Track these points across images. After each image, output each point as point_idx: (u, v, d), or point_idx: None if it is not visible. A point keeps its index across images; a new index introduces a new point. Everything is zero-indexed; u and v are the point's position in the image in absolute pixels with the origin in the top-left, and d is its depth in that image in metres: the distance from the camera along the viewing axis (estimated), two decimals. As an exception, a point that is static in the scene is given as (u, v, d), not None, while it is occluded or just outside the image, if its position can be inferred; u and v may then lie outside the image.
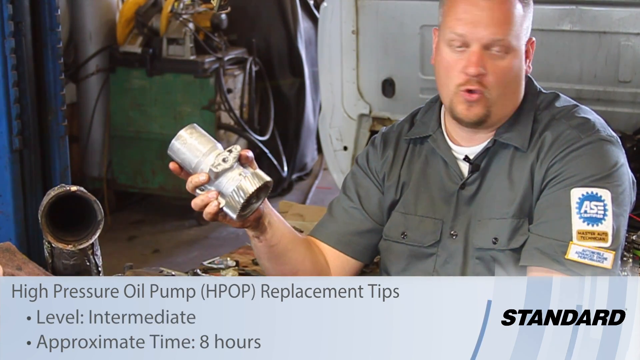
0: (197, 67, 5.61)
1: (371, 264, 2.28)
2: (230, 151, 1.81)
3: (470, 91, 1.94)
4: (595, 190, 1.89)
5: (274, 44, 6.26)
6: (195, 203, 1.83)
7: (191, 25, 5.65)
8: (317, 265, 2.12)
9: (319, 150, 6.33)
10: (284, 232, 2.04)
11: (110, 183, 5.97)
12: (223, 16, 5.71)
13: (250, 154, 1.85)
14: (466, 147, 2.06)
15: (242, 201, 1.80)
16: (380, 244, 2.18)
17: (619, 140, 2.01)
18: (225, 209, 1.82)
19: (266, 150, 6.04)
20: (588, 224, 1.87)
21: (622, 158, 1.97)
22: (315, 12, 6.22)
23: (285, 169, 6.29)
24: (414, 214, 2.10)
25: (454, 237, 2.05)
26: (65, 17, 5.60)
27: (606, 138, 1.97)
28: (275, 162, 6.15)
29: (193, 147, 1.82)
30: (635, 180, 2.02)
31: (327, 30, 4.22)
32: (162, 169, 5.81)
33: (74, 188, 1.98)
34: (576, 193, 1.89)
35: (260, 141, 5.98)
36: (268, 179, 1.84)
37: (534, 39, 2.02)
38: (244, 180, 1.80)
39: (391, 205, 2.15)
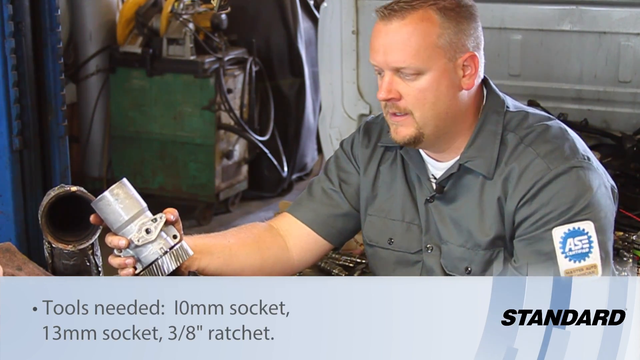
0: (197, 67, 5.60)
1: (339, 249, 2.28)
2: (155, 220, 1.83)
3: (394, 114, 1.95)
4: (576, 225, 1.80)
5: (274, 44, 6.25)
6: (112, 261, 1.88)
7: (191, 25, 5.64)
8: (268, 260, 2.12)
9: (319, 150, 6.32)
10: (217, 264, 2.04)
11: (110, 183, 5.91)
12: (223, 16, 5.70)
13: (174, 216, 1.86)
14: (436, 160, 2.04)
15: (159, 276, 1.83)
16: (366, 249, 2.18)
17: (592, 159, 1.95)
18: (141, 274, 1.85)
19: (266, 150, 6.03)
20: (575, 262, 1.78)
21: (596, 180, 1.91)
22: (315, 12, 6.21)
23: (285, 169, 6.28)
24: (401, 220, 2.10)
25: (429, 250, 2.05)
26: (65, 17, 5.59)
27: (577, 164, 1.90)
28: (275, 162, 6.15)
29: (116, 212, 1.84)
30: (615, 187, 1.97)
31: (327, 30, 4.21)
32: (162, 169, 5.81)
33: (74, 188, 1.98)
34: (558, 232, 1.80)
35: (260, 141, 5.97)
36: (189, 254, 1.87)
37: (476, 53, 1.93)
38: (164, 258, 1.83)
39: (366, 200, 2.15)
